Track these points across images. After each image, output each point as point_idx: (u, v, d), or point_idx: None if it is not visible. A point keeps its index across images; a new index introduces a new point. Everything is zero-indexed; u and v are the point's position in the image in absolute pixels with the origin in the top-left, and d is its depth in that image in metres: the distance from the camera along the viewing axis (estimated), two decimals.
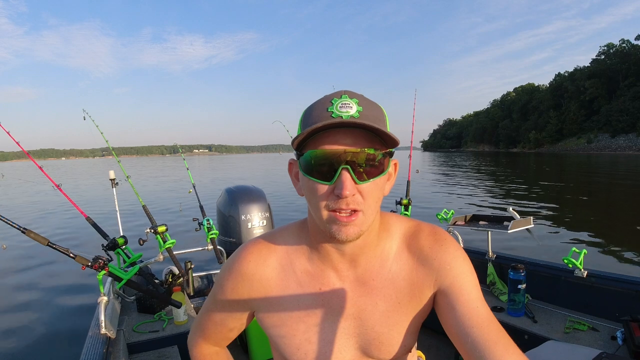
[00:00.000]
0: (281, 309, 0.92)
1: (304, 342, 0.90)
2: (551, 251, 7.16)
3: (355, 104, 0.77)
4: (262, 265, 0.93)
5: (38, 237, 2.12)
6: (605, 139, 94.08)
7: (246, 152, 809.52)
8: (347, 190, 0.74)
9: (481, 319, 0.82)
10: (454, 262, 0.90)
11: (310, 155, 0.78)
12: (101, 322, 2.05)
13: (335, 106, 0.76)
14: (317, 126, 0.74)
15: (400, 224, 0.96)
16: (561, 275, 2.59)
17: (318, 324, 0.91)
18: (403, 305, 0.91)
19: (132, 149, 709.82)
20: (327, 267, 0.91)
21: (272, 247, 0.95)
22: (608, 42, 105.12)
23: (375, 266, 0.91)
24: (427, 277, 0.90)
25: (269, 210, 3.41)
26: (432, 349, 2.91)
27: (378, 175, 0.79)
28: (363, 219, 0.79)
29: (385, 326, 0.90)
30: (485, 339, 0.78)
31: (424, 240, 0.92)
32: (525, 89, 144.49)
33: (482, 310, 0.84)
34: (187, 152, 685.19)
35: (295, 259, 0.93)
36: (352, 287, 0.91)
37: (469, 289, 0.87)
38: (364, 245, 0.88)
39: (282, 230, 0.98)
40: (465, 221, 3.21)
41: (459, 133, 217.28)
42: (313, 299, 0.90)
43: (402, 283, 0.91)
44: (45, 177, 2.89)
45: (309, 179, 0.79)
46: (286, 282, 0.92)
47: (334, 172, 0.76)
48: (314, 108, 0.80)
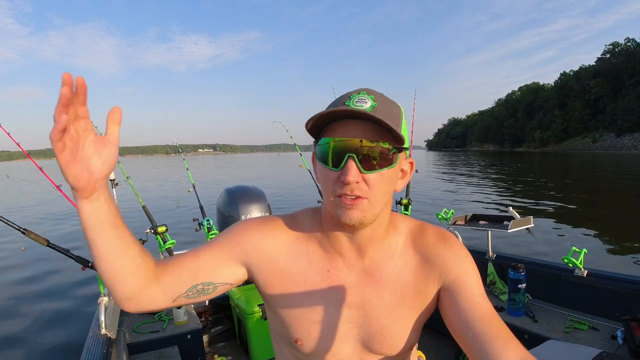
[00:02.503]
0: (288, 279, 0.93)
1: (308, 323, 0.92)
2: (553, 250, 7.15)
3: (371, 100, 0.81)
4: (276, 230, 0.96)
5: (38, 237, 2.12)
6: (610, 138, 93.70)
7: (250, 151, 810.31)
8: (350, 177, 0.78)
9: (483, 314, 0.85)
10: (457, 259, 0.92)
11: (323, 143, 0.83)
12: (101, 322, 2.06)
13: (352, 101, 0.81)
14: (328, 111, 0.79)
15: (406, 222, 0.99)
16: (561, 274, 2.58)
17: (324, 307, 0.92)
18: (408, 299, 0.92)
19: (137, 149, 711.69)
20: (336, 254, 0.93)
21: (287, 225, 0.98)
22: (613, 41, 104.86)
23: (382, 258, 0.93)
24: (432, 273, 0.92)
25: (269, 211, 3.41)
26: (432, 349, 2.91)
27: (384, 167, 0.81)
28: (367, 206, 0.81)
29: (389, 319, 0.92)
30: (485, 333, 0.81)
31: (429, 238, 0.95)
32: (530, 88, 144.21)
33: (484, 305, 0.87)
34: (192, 151, 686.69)
35: (307, 239, 0.96)
36: (359, 276, 0.93)
37: (472, 285, 0.90)
38: (372, 236, 0.90)
39: (298, 213, 1.02)
40: (465, 221, 3.20)
41: (464, 132, 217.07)
42: (320, 278, 0.92)
43: (407, 277, 0.93)
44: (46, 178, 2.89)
45: (321, 165, 0.85)
46: (296, 256, 0.94)
47: (342, 159, 0.80)
48: (335, 102, 0.86)
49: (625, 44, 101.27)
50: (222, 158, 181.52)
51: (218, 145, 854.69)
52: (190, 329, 2.56)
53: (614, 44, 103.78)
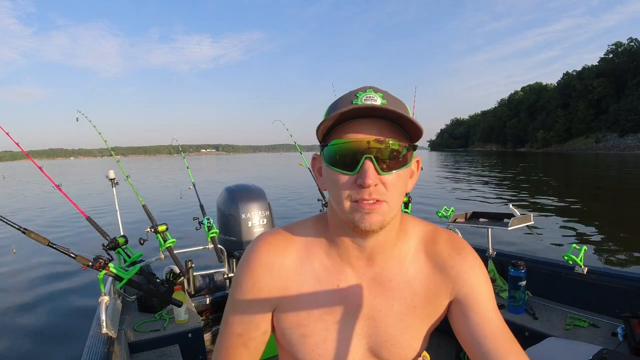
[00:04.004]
0: (300, 306, 0.89)
1: (319, 342, 0.89)
2: (553, 247, 7.14)
3: (380, 97, 0.78)
4: (282, 255, 0.90)
5: (38, 237, 2.12)
6: (613, 138, 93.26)
7: (253, 151, 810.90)
8: (369, 179, 0.74)
9: (495, 330, 0.83)
10: (471, 271, 0.90)
11: (334, 145, 0.79)
12: (102, 321, 2.05)
13: (360, 99, 0.77)
14: (342, 110, 0.74)
15: (417, 226, 0.95)
16: (561, 272, 2.57)
17: (335, 323, 0.89)
18: (418, 309, 0.90)
19: (140, 149, 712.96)
20: (345, 264, 0.89)
21: (290, 239, 0.93)
22: (616, 41, 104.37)
23: (392, 267, 0.90)
24: (444, 284, 0.90)
25: (269, 209, 3.40)
26: (433, 347, 2.90)
27: (401, 167, 0.79)
28: (387, 209, 0.78)
29: (398, 329, 0.89)
30: (497, 350, 0.80)
31: (442, 246, 0.92)
32: (533, 88, 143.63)
33: (497, 321, 0.85)
34: (195, 151, 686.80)
35: (313, 253, 0.91)
36: (369, 286, 0.89)
37: (485, 299, 0.88)
38: (384, 242, 0.87)
39: (299, 224, 0.96)
40: (465, 218, 3.19)
41: (466, 132, 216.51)
42: (331, 296, 0.89)
43: (418, 287, 0.90)
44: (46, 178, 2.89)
45: (332, 170, 0.79)
46: (304, 277, 0.89)
47: (357, 162, 0.76)
48: (339, 101, 0.81)
49: (628, 43, 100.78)
50: (224, 158, 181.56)
51: (221, 146, 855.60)
52: (192, 327, 2.56)
53: (617, 43, 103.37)
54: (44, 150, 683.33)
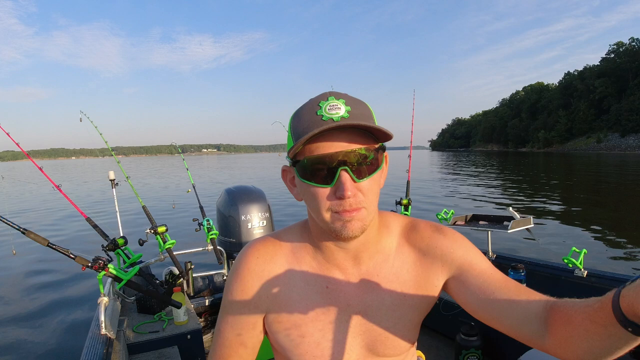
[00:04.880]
0: (291, 310, 0.90)
1: (313, 344, 0.89)
2: (553, 250, 7.13)
3: (343, 104, 0.77)
4: (270, 261, 0.92)
5: (38, 237, 2.12)
6: (615, 138, 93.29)
7: (254, 151, 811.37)
8: (348, 191, 0.75)
9: (499, 282, 0.84)
10: (454, 244, 0.91)
11: (306, 161, 0.78)
12: (101, 322, 2.06)
13: (323, 109, 0.76)
14: (313, 133, 0.73)
15: (397, 220, 0.97)
16: (561, 275, 2.57)
17: (329, 324, 0.90)
18: (408, 297, 0.91)
19: (141, 149, 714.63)
20: (332, 266, 0.91)
21: (278, 245, 0.94)
22: (618, 41, 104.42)
23: (379, 261, 0.91)
24: (433, 266, 0.91)
25: (268, 211, 3.40)
26: (432, 349, 2.90)
27: (375, 171, 0.79)
28: (366, 214, 0.79)
29: (390, 321, 0.90)
30: (508, 297, 0.80)
31: (423, 231, 0.93)
32: (535, 88, 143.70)
33: (498, 274, 0.86)
34: (196, 151, 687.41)
35: (300, 258, 0.92)
36: (358, 284, 0.90)
37: (479, 260, 0.89)
38: (366, 241, 0.88)
39: (285, 230, 0.98)
40: (465, 221, 3.19)
41: (468, 132, 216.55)
42: (321, 298, 0.90)
43: (406, 276, 0.91)
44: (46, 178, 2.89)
45: (309, 184, 0.79)
46: (293, 281, 0.91)
47: (333, 174, 0.76)
48: (302, 114, 0.80)
49: (629, 43, 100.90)
50: (226, 158, 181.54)
51: (222, 145, 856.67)
52: (190, 329, 2.56)
53: (618, 43, 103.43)
54: (46, 150, 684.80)
